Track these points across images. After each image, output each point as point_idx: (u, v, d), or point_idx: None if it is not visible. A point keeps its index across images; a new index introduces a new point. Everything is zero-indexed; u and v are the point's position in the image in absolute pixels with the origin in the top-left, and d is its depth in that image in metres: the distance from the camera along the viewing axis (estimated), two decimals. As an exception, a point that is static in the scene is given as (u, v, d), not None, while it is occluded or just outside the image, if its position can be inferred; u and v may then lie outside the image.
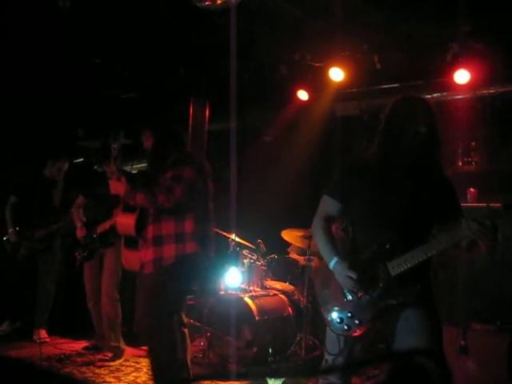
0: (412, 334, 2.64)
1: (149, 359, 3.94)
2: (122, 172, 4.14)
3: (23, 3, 5.25)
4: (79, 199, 5.55)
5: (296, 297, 5.85)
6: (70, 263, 5.72)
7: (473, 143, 6.91)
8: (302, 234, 5.91)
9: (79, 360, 5.29)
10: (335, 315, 2.78)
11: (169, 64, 6.79)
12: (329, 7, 5.30)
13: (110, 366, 5.10)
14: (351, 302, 2.74)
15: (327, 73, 6.72)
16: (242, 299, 5.38)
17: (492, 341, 4.33)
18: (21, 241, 6.09)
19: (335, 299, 2.81)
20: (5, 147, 7.16)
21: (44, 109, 7.43)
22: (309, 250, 5.67)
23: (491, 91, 6.28)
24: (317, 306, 3.11)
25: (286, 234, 6.21)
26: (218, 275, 5.92)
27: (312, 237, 5.31)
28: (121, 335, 5.34)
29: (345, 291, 2.76)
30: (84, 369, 5.03)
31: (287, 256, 6.28)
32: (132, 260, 4.09)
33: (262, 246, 6.14)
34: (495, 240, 2.54)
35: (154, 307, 3.71)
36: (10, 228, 6.15)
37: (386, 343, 2.81)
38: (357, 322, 2.70)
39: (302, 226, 5.86)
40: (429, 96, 6.30)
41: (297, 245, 6.33)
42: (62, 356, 5.28)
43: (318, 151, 7.28)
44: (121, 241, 5.21)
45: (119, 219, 3.96)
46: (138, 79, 7.53)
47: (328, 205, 2.92)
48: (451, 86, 6.28)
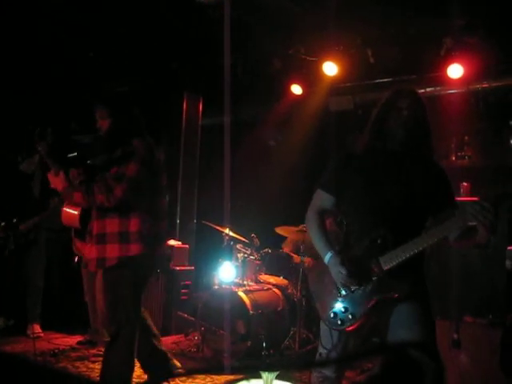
0: (405, 328, 2.65)
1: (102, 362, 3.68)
2: (60, 166, 3.65)
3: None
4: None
5: (290, 291, 5.87)
6: (65, 257, 5.69)
7: (466, 137, 6.93)
8: (297, 230, 5.91)
9: (73, 355, 5.28)
10: (329, 310, 2.79)
11: (162, 58, 6.78)
12: (323, 1, 5.30)
13: (104, 361, 5.09)
14: (345, 297, 2.75)
15: (321, 67, 6.73)
16: (236, 293, 5.39)
17: (484, 334, 4.35)
18: (7, 236, 6.05)
19: (329, 294, 2.81)
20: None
21: (37, 103, 7.40)
22: (303, 245, 5.68)
23: (484, 86, 6.30)
24: (310, 300, 3.11)
25: (280, 230, 6.22)
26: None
27: (306, 231, 5.33)
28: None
29: (338, 286, 2.77)
30: (78, 363, 5.01)
31: (281, 250, 6.29)
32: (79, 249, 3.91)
33: (256, 241, 6.15)
34: (496, 224, 2.51)
35: (111, 314, 3.57)
36: None
37: (380, 337, 2.83)
38: (350, 317, 2.71)
39: (296, 221, 5.87)
40: (422, 90, 6.31)
41: (291, 238, 6.34)
42: (56, 351, 5.27)
43: (312, 145, 7.29)
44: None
45: (65, 210, 3.73)
46: (132, 73, 7.51)
47: (321, 199, 2.92)
48: (445, 81, 6.30)
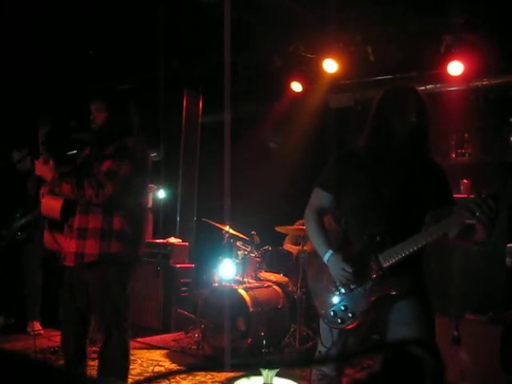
0: (405, 325, 2.65)
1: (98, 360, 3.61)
2: (51, 156, 3.62)
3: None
4: None
5: (290, 288, 5.87)
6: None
7: (466, 135, 6.93)
8: (296, 227, 5.91)
9: (74, 352, 5.29)
10: (328, 308, 2.78)
11: (162, 56, 6.78)
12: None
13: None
14: (344, 295, 2.75)
15: (321, 64, 6.72)
16: (236, 291, 5.39)
17: (484, 331, 4.36)
18: (1, 235, 6.05)
19: (328, 292, 2.81)
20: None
21: (35, 101, 7.39)
22: (302, 241, 5.68)
23: (484, 83, 6.29)
24: (310, 298, 3.11)
25: (280, 228, 6.23)
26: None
27: (304, 228, 5.34)
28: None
29: (338, 284, 2.77)
30: (78, 361, 5.02)
31: (281, 248, 6.29)
32: (51, 243, 3.82)
33: (256, 238, 6.15)
34: (494, 222, 2.51)
35: (101, 313, 3.51)
36: None
37: (380, 334, 2.83)
38: (350, 315, 2.71)
39: (296, 218, 5.87)
40: (422, 88, 6.30)
41: (292, 233, 6.35)
42: (57, 348, 5.26)
43: (312, 143, 7.28)
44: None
45: (45, 200, 3.62)
46: (132, 71, 7.51)
47: (320, 197, 2.92)
48: (445, 78, 6.29)
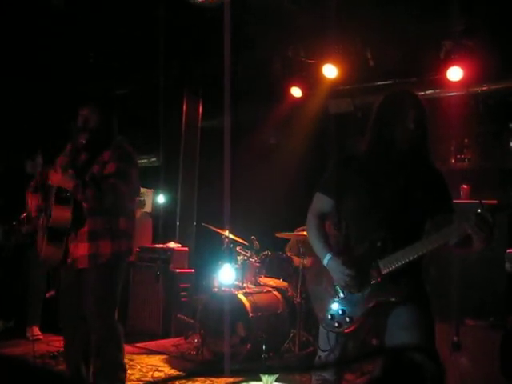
0: (404, 330, 2.64)
1: (93, 358, 3.69)
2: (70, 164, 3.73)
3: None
4: None
5: (290, 293, 5.86)
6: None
7: (466, 140, 6.93)
8: (296, 233, 5.90)
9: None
10: (327, 312, 2.78)
11: (162, 60, 6.79)
12: (323, 4, 5.31)
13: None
14: (343, 299, 2.74)
15: (321, 69, 6.73)
16: (236, 296, 5.38)
17: (485, 337, 4.34)
18: (8, 238, 6.07)
19: (327, 296, 2.80)
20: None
21: (36, 104, 7.40)
22: (302, 247, 5.67)
23: (484, 88, 6.30)
24: (309, 302, 3.11)
25: (280, 234, 6.21)
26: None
27: (304, 234, 5.33)
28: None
29: (337, 288, 2.76)
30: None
31: (281, 253, 6.28)
32: (53, 255, 3.82)
33: (256, 243, 6.15)
34: (492, 237, 2.52)
35: (104, 307, 3.61)
36: None
37: (379, 339, 2.82)
38: (348, 319, 2.70)
39: (296, 224, 5.86)
40: (422, 93, 6.30)
41: (294, 240, 6.33)
42: (56, 353, 5.25)
43: (312, 148, 7.28)
44: None
45: (55, 211, 3.67)
46: (132, 75, 7.51)
47: (321, 201, 2.92)
48: (444, 83, 6.30)
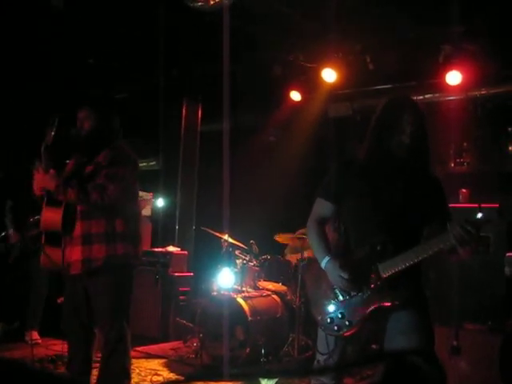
0: (403, 335, 2.64)
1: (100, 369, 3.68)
2: (52, 163, 3.67)
3: (16, 2, 5.25)
4: None
5: (289, 297, 5.85)
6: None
7: (465, 144, 6.94)
8: (295, 236, 5.91)
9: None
10: (326, 315, 2.78)
11: (162, 65, 6.79)
12: (322, 8, 5.32)
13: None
14: (342, 303, 2.75)
15: (320, 74, 6.74)
16: (235, 300, 5.38)
17: (484, 341, 4.35)
18: (13, 243, 6.11)
19: (326, 299, 2.81)
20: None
21: (35, 108, 7.40)
22: (302, 251, 5.68)
23: (483, 92, 6.32)
24: (308, 306, 3.11)
25: (280, 238, 6.21)
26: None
27: (304, 238, 5.34)
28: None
29: (336, 291, 2.77)
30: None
31: (280, 257, 6.28)
32: (53, 258, 3.79)
33: (255, 247, 6.15)
34: (475, 248, 2.55)
35: (110, 313, 3.55)
36: (10, 229, 6.17)
37: (379, 343, 2.82)
38: (347, 323, 2.71)
39: (296, 227, 5.87)
40: (421, 97, 6.33)
41: (291, 245, 6.34)
42: (55, 357, 5.24)
43: (311, 151, 7.29)
44: None
45: (45, 214, 3.63)
46: (131, 80, 7.52)
47: (321, 207, 2.93)
48: (443, 87, 6.32)
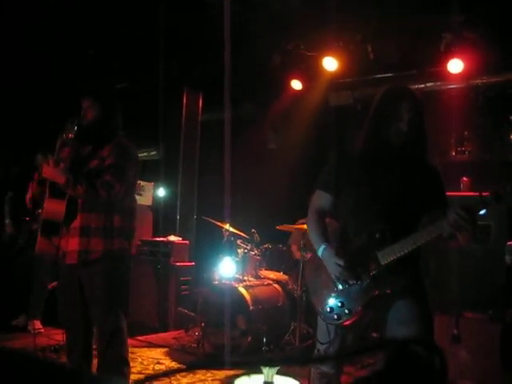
0: (403, 323, 2.65)
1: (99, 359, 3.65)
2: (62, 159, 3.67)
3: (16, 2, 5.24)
4: None
5: (290, 286, 5.87)
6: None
7: (466, 132, 6.92)
8: (298, 226, 5.90)
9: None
10: (325, 304, 2.79)
11: (162, 54, 6.77)
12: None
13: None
14: (342, 292, 2.75)
15: (321, 62, 6.72)
16: (236, 289, 5.40)
17: (484, 329, 4.36)
18: (18, 232, 6.16)
19: (326, 288, 2.82)
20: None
21: (36, 101, 7.40)
22: (303, 240, 5.68)
23: (484, 81, 6.30)
24: (309, 296, 3.12)
25: (282, 227, 6.21)
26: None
27: (305, 227, 5.34)
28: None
29: (335, 280, 2.78)
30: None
31: (281, 246, 6.29)
32: (46, 248, 3.83)
33: (256, 236, 6.15)
34: (473, 233, 2.55)
35: (106, 303, 3.54)
36: (7, 219, 6.25)
37: (379, 332, 2.83)
38: (347, 312, 2.72)
39: (297, 216, 5.87)
40: (422, 85, 6.31)
41: (295, 232, 6.33)
42: (57, 347, 5.26)
43: (312, 140, 7.28)
44: None
45: (48, 204, 3.68)
46: (132, 70, 7.50)
47: (320, 198, 2.94)
48: (444, 76, 6.29)
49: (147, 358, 5.23)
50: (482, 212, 2.55)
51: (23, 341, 5.44)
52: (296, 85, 7.37)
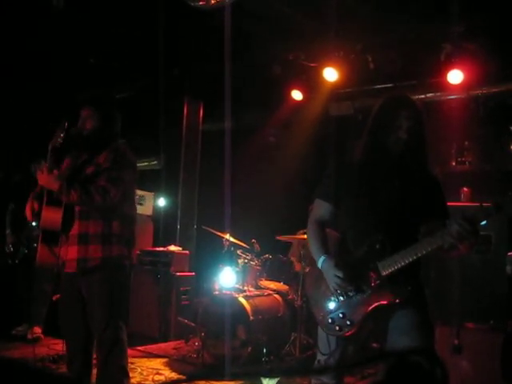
0: (404, 334, 2.64)
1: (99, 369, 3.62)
2: (56, 165, 3.68)
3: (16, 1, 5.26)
4: None
5: (290, 297, 5.85)
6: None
7: (466, 143, 6.93)
8: (296, 236, 5.90)
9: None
10: (327, 316, 2.78)
11: (163, 64, 6.80)
12: (323, 8, 5.32)
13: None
14: (343, 303, 2.74)
15: (321, 73, 6.74)
16: (237, 299, 5.38)
17: (485, 340, 4.34)
18: (19, 242, 6.16)
19: (326, 299, 2.80)
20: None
21: (36, 110, 7.41)
22: (303, 251, 5.67)
23: (484, 91, 6.31)
24: (309, 306, 3.11)
25: (282, 238, 6.20)
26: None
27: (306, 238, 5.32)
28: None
29: (332, 290, 2.76)
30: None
31: (281, 256, 6.28)
32: (47, 257, 3.82)
33: (257, 246, 6.14)
34: (474, 243, 2.55)
35: (106, 312, 3.52)
36: (8, 230, 6.27)
37: (379, 343, 2.82)
38: (348, 323, 2.70)
39: (297, 226, 5.86)
40: (422, 96, 6.33)
41: (296, 243, 6.33)
42: (56, 357, 5.24)
43: (313, 151, 7.29)
44: None
45: (45, 213, 3.64)
46: (133, 79, 7.52)
47: (320, 208, 2.94)
48: (445, 86, 6.31)
49: (147, 369, 5.20)
50: (483, 222, 2.54)
51: (22, 350, 5.42)
52: (296, 95, 7.39)
